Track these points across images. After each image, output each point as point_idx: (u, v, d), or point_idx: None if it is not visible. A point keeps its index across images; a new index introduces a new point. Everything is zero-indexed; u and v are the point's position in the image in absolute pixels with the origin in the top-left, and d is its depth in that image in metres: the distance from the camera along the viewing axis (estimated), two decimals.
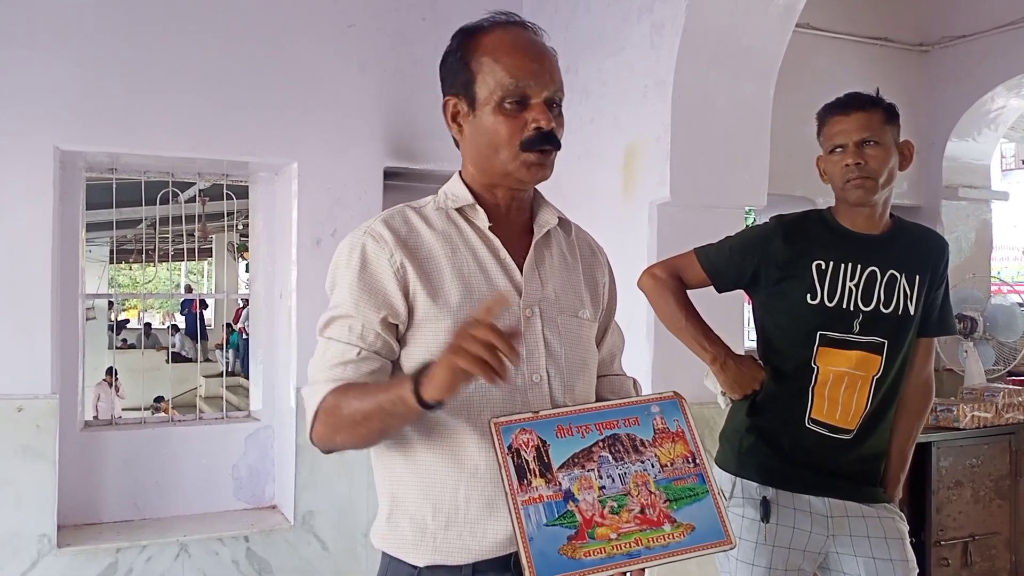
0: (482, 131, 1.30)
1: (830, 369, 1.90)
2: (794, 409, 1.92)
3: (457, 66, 1.33)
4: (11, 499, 2.85)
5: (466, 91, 1.31)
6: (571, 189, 3.10)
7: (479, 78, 1.29)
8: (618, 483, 1.22)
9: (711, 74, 2.69)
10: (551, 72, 1.31)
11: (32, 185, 2.93)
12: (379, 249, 1.28)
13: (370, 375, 1.25)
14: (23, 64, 2.92)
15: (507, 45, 1.30)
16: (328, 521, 3.29)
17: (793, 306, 1.93)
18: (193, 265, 17.22)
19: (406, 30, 3.42)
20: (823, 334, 1.90)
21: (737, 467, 1.97)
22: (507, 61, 1.28)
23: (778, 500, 1.91)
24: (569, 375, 1.33)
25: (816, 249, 1.93)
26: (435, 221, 1.33)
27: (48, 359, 2.94)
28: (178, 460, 3.38)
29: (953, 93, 4.27)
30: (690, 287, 2.08)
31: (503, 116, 1.28)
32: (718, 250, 2.05)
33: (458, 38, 1.35)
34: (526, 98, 1.28)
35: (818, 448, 1.91)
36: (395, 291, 1.26)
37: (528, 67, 1.28)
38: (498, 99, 1.28)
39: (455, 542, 1.26)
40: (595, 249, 1.50)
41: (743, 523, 1.91)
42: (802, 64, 3.95)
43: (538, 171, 1.31)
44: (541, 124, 1.27)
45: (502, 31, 1.32)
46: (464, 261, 1.30)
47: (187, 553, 3.10)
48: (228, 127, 3.19)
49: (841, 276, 1.91)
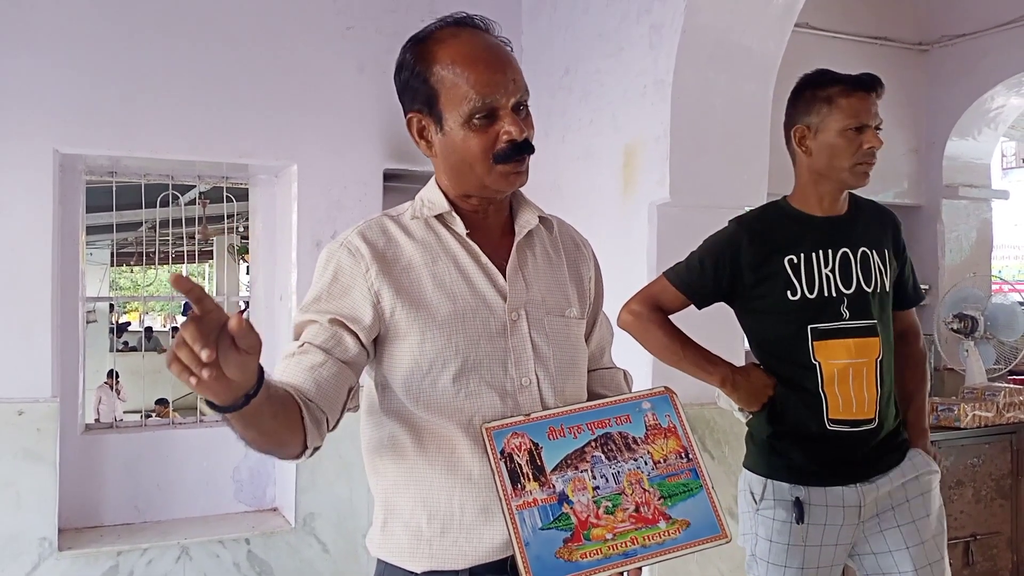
0: (452, 149, 1.27)
1: (832, 364, 1.87)
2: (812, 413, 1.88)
3: (416, 83, 1.27)
4: (12, 502, 2.86)
5: (430, 109, 1.27)
6: (570, 189, 3.10)
7: (442, 95, 1.25)
8: (612, 482, 1.21)
9: (710, 74, 2.68)
10: (514, 78, 1.25)
11: (32, 188, 2.94)
12: (354, 264, 1.26)
13: (309, 370, 1.20)
14: (23, 67, 2.93)
15: (464, 56, 1.24)
16: (329, 523, 3.29)
17: (776, 306, 1.90)
18: (194, 268, 17.23)
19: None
20: (813, 327, 1.87)
21: (767, 469, 1.93)
22: (469, 75, 1.23)
23: (810, 499, 1.87)
24: (558, 377, 1.32)
25: (784, 244, 1.89)
26: (414, 230, 1.31)
27: (49, 362, 2.94)
28: (179, 463, 3.38)
29: (953, 92, 4.27)
30: (670, 312, 2.02)
31: (473, 132, 1.24)
32: (688, 267, 2.00)
33: (411, 50, 1.29)
34: (494, 111, 1.23)
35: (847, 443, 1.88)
36: (363, 305, 1.24)
37: (491, 79, 1.23)
38: (465, 116, 1.23)
39: (451, 548, 1.25)
40: (579, 243, 1.47)
41: (774, 525, 1.88)
42: (802, 64, 3.90)
43: (516, 179, 1.28)
44: (513, 135, 1.23)
45: (454, 39, 1.26)
46: (445, 270, 1.28)
47: (188, 556, 3.10)
48: (228, 129, 3.19)
49: (816, 265, 1.88)
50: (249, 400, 1.02)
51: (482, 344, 1.27)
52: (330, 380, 1.21)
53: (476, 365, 1.26)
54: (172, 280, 0.92)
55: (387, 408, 1.29)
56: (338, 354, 1.22)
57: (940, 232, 4.30)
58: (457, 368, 1.25)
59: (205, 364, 0.90)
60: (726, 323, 2.80)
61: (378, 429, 1.31)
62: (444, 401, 1.25)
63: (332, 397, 1.21)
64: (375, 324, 1.25)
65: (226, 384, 0.96)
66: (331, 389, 1.21)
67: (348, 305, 1.25)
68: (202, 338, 0.90)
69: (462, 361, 1.25)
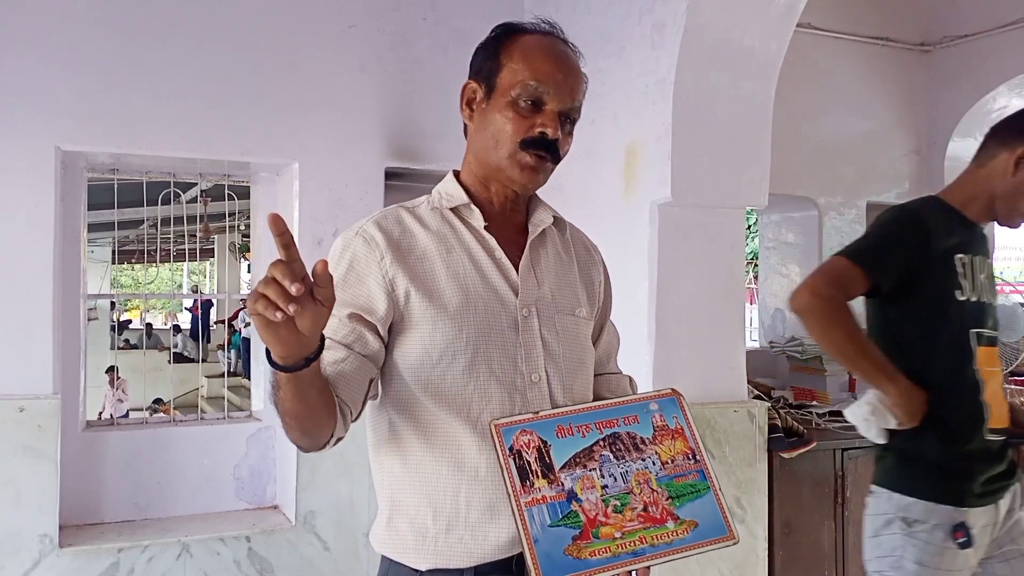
0: (490, 121, 1.31)
1: (988, 372, 1.79)
2: (974, 424, 1.80)
3: (487, 54, 1.34)
4: (12, 499, 2.85)
5: (488, 79, 1.32)
6: (572, 189, 3.10)
7: (504, 70, 1.30)
8: (620, 482, 1.22)
9: (712, 74, 2.68)
10: (573, 87, 1.31)
11: (34, 185, 2.93)
12: (369, 252, 1.27)
13: (332, 365, 1.21)
14: (25, 65, 2.92)
15: (540, 48, 1.31)
16: (329, 521, 3.29)
17: (942, 305, 1.78)
18: (195, 266, 17.22)
19: (406, 30, 3.42)
20: (978, 333, 1.79)
21: (930, 490, 1.81)
22: (534, 62, 1.29)
23: (971, 520, 1.78)
24: (568, 374, 1.33)
25: (956, 242, 1.80)
26: (429, 221, 1.33)
27: (50, 359, 2.94)
28: (180, 460, 3.38)
29: (955, 93, 4.27)
30: (851, 299, 1.82)
31: (514, 113, 1.29)
32: (874, 247, 1.81)
33: (499, 29, 1.36)
34: (541, 103, 1.29)
35: (998, 456, 1.83)
36: (378, 293, 1.25)
37: (552, 75, 1.29)
38: (514, 95, 1.29)
39: (456, 546, 1.26)
40: (589, 248, 1.50)
41: (927, 549, 1.78)
42: (804, 64, 3.95)
43: (531, 175, 1.30)
44: (547, 131, 1.28)
45: (541, 36, 1.34)
46: (459, 261, 1.30)
47: (189, 553, 3.10)
48: (229, 127, 3.19)
49: (975, 269, 1.81)
50: (309, 363, 1.05)
51: (493, 337, 1.27)
52: (353, 374, 1.22)
53: (486, 358, 1.26)
54: (269, 219, 0.95)
55: (395, 399, 1.29)
56: (359, 348, 1.24)
57: None
58: (467, 360, 1.25)
59: (293, 299, 0.94)
60: (732, 319, 2.80)
61: (384, 421, 1.31)
62: (453, 393, 1.25)
63: (355, 390, 1.23)
64: (389, 312, 1.26)
65: (297, 336, 1.00)
66: (354, 383, 1.22)
67: (364, 295, 1.26)
68: (291, 275, 0.94)
69: (472, 353, 1.26)
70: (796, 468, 2.96)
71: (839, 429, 3.23)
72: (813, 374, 3.81)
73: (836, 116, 4.16)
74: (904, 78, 4.32)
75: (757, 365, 4.02)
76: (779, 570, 2.92)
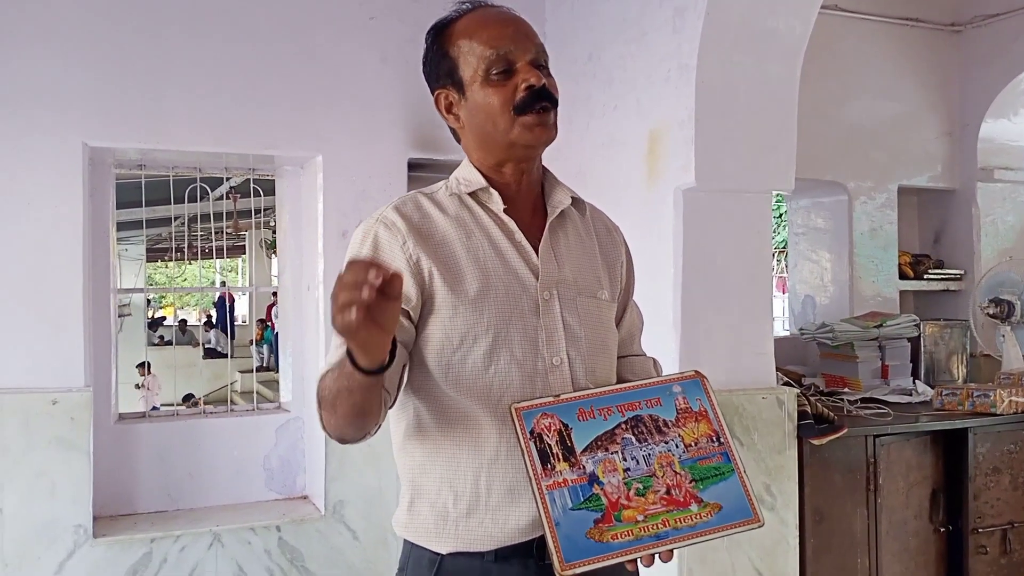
0: (476, 109, 1.29)
1: None
2: None
3: (436, 59, 1.33)
4: (47, 490, 2.90)
5: (451, 78, 1.31)
6: (595, 176, 3.08)
7: (460, 62, 1.29)
8: (643, 465, 1.21)
9: (735, 57, 2.65)
10: (528, 35, 1.30)
11: (62, 182, 2.98)
12: (392, 237, 1.27)
13: None
14: (50, 61, 2.96)
15: (478, 22, 1.30)
16: (358, 511, 3.31)
17: None
18: (226, 263, 17.43)
19: (427, 21, 3.35)
20: None
21: None
22: (483, 35, 1.28)
23: None
24: (590, 357, 1.32)
25: None
26: (448, 206, 1.32)
27: (81, 353, 2.98)
28: (210, 451, 3.42)
29: (987, 73, 4.18)
30: None
31: (492, 87, 1.27)
32: None
33: (430, 35, 1.36)
34: (511, 64, 1.27)
35: None
36: (407, 278, 1.24)
37: (503, 33, 1.28)
38: (483, 73, 1.27)
39: (477, 529, 1.25)
40: (611, 228, 1.48)
41: None
42: (831, 47, 3.89)
43: (541, 132, 1.28)
44: (531, 82, 1.26)
45: (469, 15, 1.32)
46: (480, 245, 1.29)
47: (220, 543, 3.14)
48: (253, 121, 3.21)
49: None
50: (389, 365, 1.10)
51: (514, 320, 1.26)
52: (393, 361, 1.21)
53: (507, 342, 1.26)
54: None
55: (417, 385, 1.29)
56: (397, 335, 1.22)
57: (975, 216, 4.22)
58: (488, 344, 1.25)
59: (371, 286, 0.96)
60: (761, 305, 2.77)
61: (406, 407, 1.31)
62: (473, 378, 1.25)
63: (394, 376, 1.22)
64: (419, 297, 1.26)
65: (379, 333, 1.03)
66: (394, 369, 1.21)
67: None
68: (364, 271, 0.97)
69: (493, 337, 1.25)
70: (827, 455, 2.92)
71: (872, 416, 3.18)
72: (845, 361, 3.75)
73: (866, 99, 4.09)
74: (934, 59, 4.24)
75: (788, 352, 3.97)
76: (810, 558, 2.88)
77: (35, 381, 2.92)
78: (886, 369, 3.73)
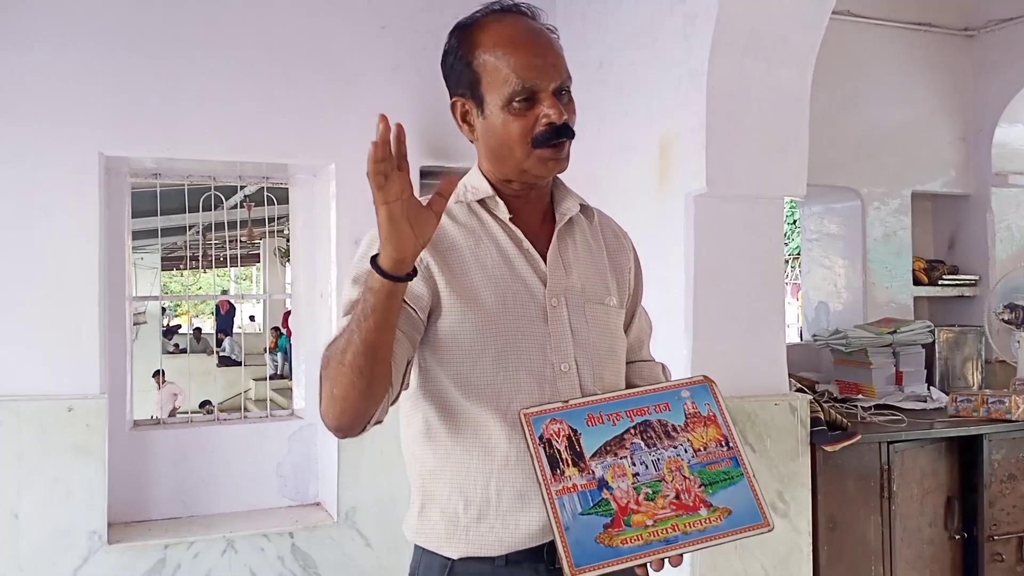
0: (493, 132, 1.29)
1: None
2: None
3: (459, 66, 1.31)
4: (62, 497, 2.93)
5: (472, 92, 1.30)
6: (606, 183, 3.09)
7: (484, 79, 1.27)
8: (652, 469, 1.21)
9: (746, 63, 2.65)
10: (555, 62, 1.27)
11: (78, 190, 3.01)
12: None
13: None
14: (66, 71, 3.00)
15: (506, 40, 1.27)
16: (370, 518, 3.32)
17: None
18: (240, 271, 17.52)
19: (438, 29, 3.38)
20: None
21: None
22: (510, 59, 1.25)
23: None
24: (598, 363, 1.32)
25: None
26: (457, 214, 1.33)
27: (96, 360, 3.01)
28: (224, 458, 3.43)
29: (1001, 78, 4.16)
30: None
31: (512, 115, 1.26)
32: None
33: (455, 35, 1.33)
34: (534, 94, 1.25)
35: None
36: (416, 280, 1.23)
37: (532, 63, 1.25)
38: (506, 99, 1.25)
39: (487, 534, 1.26)
40: (619, 234, 1.48)
41: None
42: (844, 52, 3.88)
43: (554, 165, 1.29)
44: (552, 118, 1.25)
45: (497, 24, 1.29)
46: (487, 252, 1.30)
47: (233, 549, 3.15)
48: (266, 129, 3.24)
49: None
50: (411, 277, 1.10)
51: (522, 327, 1.27)
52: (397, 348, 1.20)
53: (515, 349, 1.26)
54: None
55: (426, 390, 1.30)
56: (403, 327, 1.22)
57: (990, 221, 4.19)
58: (497, 350, 1.25)
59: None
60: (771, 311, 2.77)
61: (416, 413, 1.32)
62: (482, 384, 1.25)
63: (398, 364, 1.21)
64: (429, 297, 1.25)
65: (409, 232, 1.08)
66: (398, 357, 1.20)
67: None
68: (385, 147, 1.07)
69: (502, 343, 1.26)
70: (841, 462, 2.91)
71: (886, 422, 3.16)
72: (858, 367, 3.73)
73: (878, 104, 4.07)
74: (947, 64, 4.22)
75: (801, 359, 3.96)
76: (824, 565, 2.87)
77: (51, 388, 2.94)
78: (900, 375, 3.71)
